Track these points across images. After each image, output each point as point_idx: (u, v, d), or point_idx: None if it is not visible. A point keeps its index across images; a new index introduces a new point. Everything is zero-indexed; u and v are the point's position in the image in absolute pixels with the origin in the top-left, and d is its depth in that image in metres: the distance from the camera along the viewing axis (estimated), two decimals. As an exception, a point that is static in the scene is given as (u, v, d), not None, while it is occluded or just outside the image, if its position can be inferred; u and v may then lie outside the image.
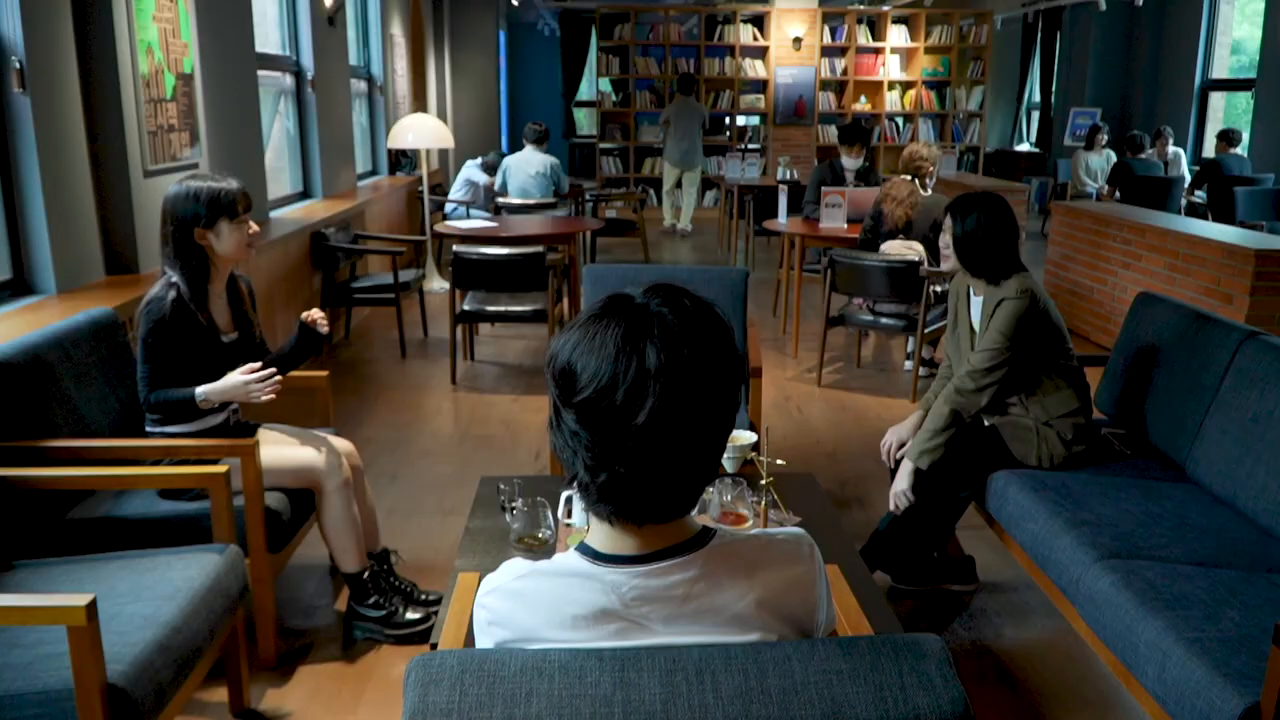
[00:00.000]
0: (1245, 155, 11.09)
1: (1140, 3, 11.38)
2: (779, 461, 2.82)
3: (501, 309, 5.85)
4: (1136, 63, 13.97)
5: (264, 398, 2.83)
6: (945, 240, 3.30)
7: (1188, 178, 10.58)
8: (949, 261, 3.30)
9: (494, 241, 6.27)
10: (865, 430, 5.10)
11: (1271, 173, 10.28)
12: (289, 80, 6.98)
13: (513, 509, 2.58)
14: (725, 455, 2.96)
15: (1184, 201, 9.79)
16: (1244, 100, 12.02)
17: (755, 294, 8.36)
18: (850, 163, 7.04)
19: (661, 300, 1.19)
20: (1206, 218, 9.05)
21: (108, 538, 2.73)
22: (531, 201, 7.98)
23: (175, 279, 2.87)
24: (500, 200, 7.97)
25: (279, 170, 6.99)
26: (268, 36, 6.72)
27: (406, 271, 6.83)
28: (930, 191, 5.76)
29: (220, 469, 2.61)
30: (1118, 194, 9.78)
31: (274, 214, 6.38)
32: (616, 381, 1.12)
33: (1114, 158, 10.61)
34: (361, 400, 5.54)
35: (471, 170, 9.07)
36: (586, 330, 1.17)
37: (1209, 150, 11.05)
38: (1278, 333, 5.25)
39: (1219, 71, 12.73)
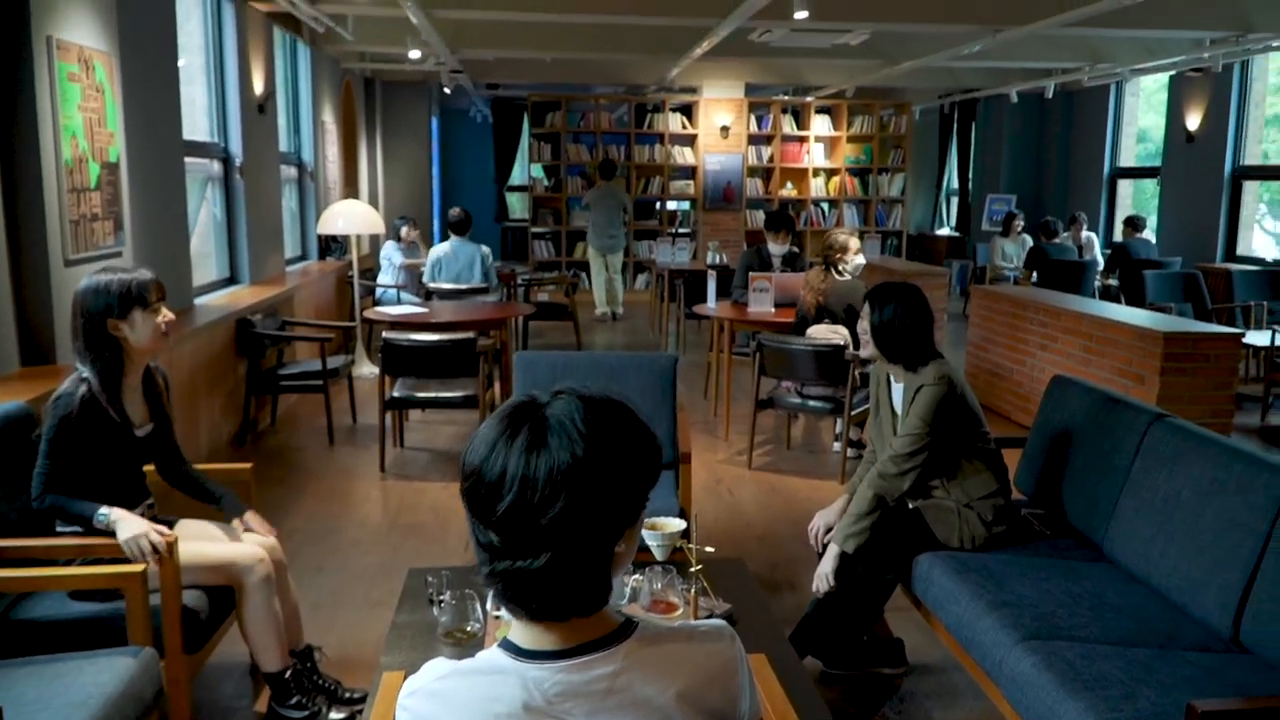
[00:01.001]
0: (1153, 239, 11.59)
1: (1050, 95, 11.93)
2: (708, 548, 2.83)
3: (432, 395, 5.81)
4: (1048, 151, 14.59)
5: (150, 561, 2.67)
6: (864, 327, 3.39)
7: (1101, 262, 11.00)
8: (868, 349, 3.39)
9: (424, 327, 6.26)
10: (795, 513, 5.13)
11: (1179, 256, 10.75)
12: (217, 167, 6.97)
13: (440, 601, 2.54)
14: (654, 543, 2.96)
15: (1098, 285, 10.16)
16: (1151, 186, 12.60)
17: (687, 377, 8.44)
18: (777, 248, 7.20)
19: (570, 401, 1.22)
20: (1119, 300, 9.40)
21: (15, 642, 2.62)
22: (463, 286, 7.99)
23: (86, 374, 2.82)
24: (431, 285, 7.97)
25: (205, 256, 6.93)
26: (196, 123, 6.72)
27: (335, 358, 6.78)
28: (847, 277, 5.91)
29: (136, 568, 2.54)
30: (1035, 277, 10.11)
31: (199, 301, 6.31)
32: (528, 481, 1.15)
33: (1030, 242, 11.00)
34: (287, 490, 5.44)
35: (389, 250, 9.07)
36: (498, 431, 1.20)
37: (1119, 235, 11.52)
38: (1188, 412, 5.46)
39: (1126, 160, 13.35)
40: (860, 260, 6.01)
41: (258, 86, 7.38)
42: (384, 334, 5.70)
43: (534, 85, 14.16)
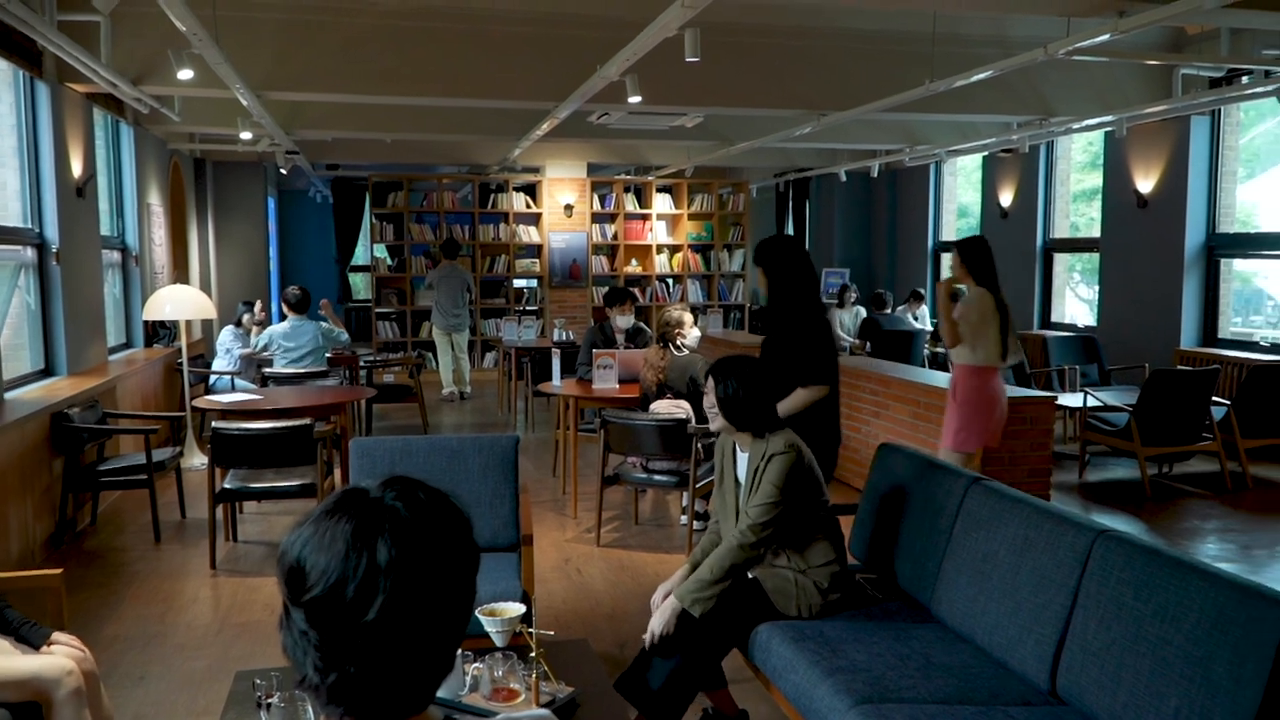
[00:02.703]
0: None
1: (875, 174, 12.60)
2: (548, 632, 2.80)
3: (266, 485, 5.59)
4: (877, 226, 15.35)
5: None
6: (710, 402, 3.47)
7: (930, 331, 11.58)
8: (717, 421, 3.47)
9: (258, 414, 6.05)
10: (644, 588, 5.12)
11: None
12: (30, 253, 6.62)
13: (269, 705, 2.42)
14: (494, 629, 2.91)
15: (926, 353, 10.67)
16: (969, 259, 13.35)
17: (536, 455, 8.40)
18: (623, 320, 7.30)
19: (396, 494, 1.19)
20: (948, 369, 9.86)
21: None
22: (301, 370, 7.78)
23: None
24: (267, 371, 7.73)
25: (17, 348, 6.53)
26: (8, 208, 6.38)
27: (162, 450, 6.46)
28: (685, 352, 6.06)
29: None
30: (868, 347, 10.55)
31: (10, 395, 5.92)
32: (346, 578, 1.12)
33: (864, 313, 11.48)
34: (107, 594, 5.10)
35: (227, 338, 8.78)
36: (317, 526, 1.16)
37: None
38: (1010, 473, 5.76)
39: (948, 234, 14.16)
40: (696, 334, 6.16)
41: (76, 169, 7.08)
42: (213, 423, 5.47)
43: (375, 165, 14.08)
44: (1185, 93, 8.20)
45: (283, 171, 13.04)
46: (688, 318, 6.09)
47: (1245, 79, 7.82)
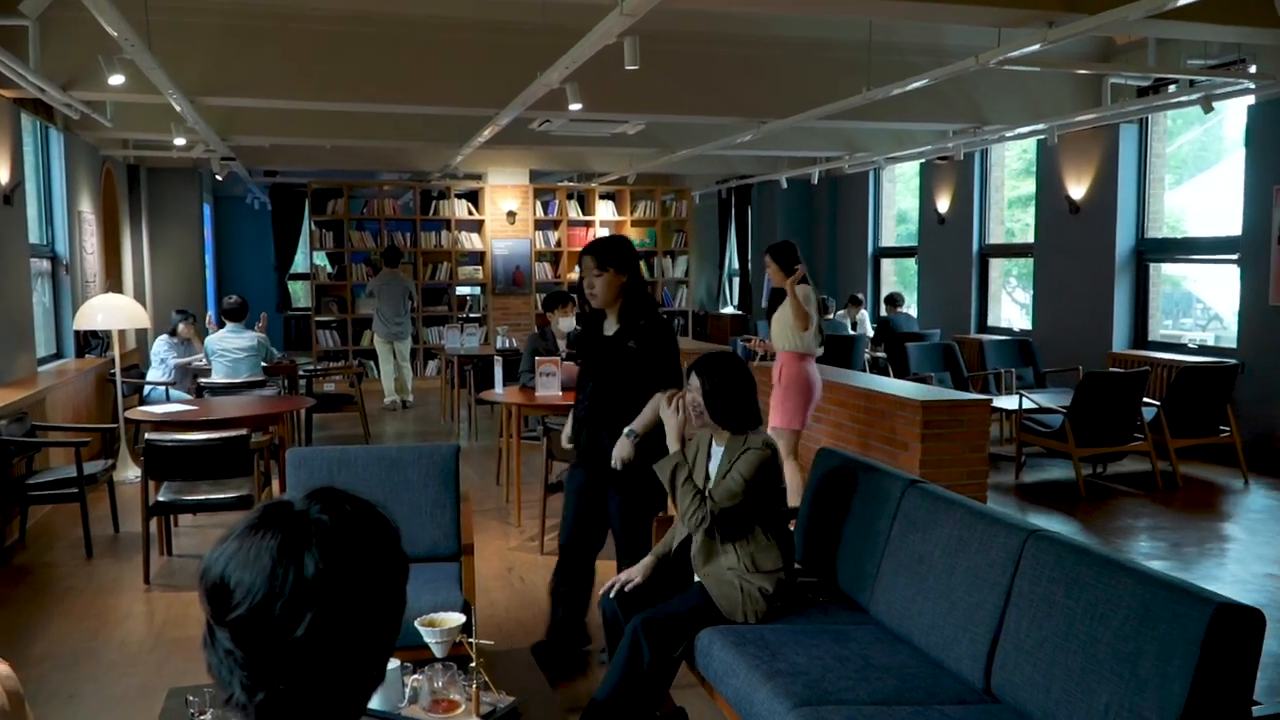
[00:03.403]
0: (914, 314, 12.47)
1: (816, 181, 12.73)
2: (488, 642, 2.78)
3: (201, 498, 5.49)
4: (818, 233, 15.51)
5: None
6: (694, 398, 3.49)
7: (870, 335, 11.73)
8: (701, 417, 3.49)
9: (194, 425, 5.93)
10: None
11: (937, 329, 11.59)
12: (-45, 262, 6.44)
13: (200, 722, 2.39)
14: (433, 640, 2.89)
15: (867, 357, 10.79)
16: (911, 264, 13.59)
17: (479, 463, 8.35)
18: (564, 324, 7.29)
19: (322, 506, 1.18)
20: (887, 372, 10.01)
21: None
22: (238, 380, 7.65)
23: None
24: (203, 381, 7.59)
25: (-59, 359, 6.35)
26: (-70, 216, 6.21)
27: (94, 462, 6.32)
28: None
29: None
30: (811, 351, 10.63)
31: (-67, 407, 5.75)
32: (273, 595, 1.10)
33: (806, 318, 11.57)
34: (35, 611, 4.97)
35: (161, 348, 8.61)
36: (241, 542, 1.14)
37: (884, 311, 12.31)
38: (947, 475, 5.84)
39: (888, 240, 14.35)
40: None
41: (3, 176, 6.91)
42: (147, 435, 5.36)
43: (314, 172, 13.91)
44: (1114, 101, 8.41)
45: (219, 178, 12.84)
46: None
47: (1172, 88, 8.05)
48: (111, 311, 7.61)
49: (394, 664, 2.68)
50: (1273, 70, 7.27)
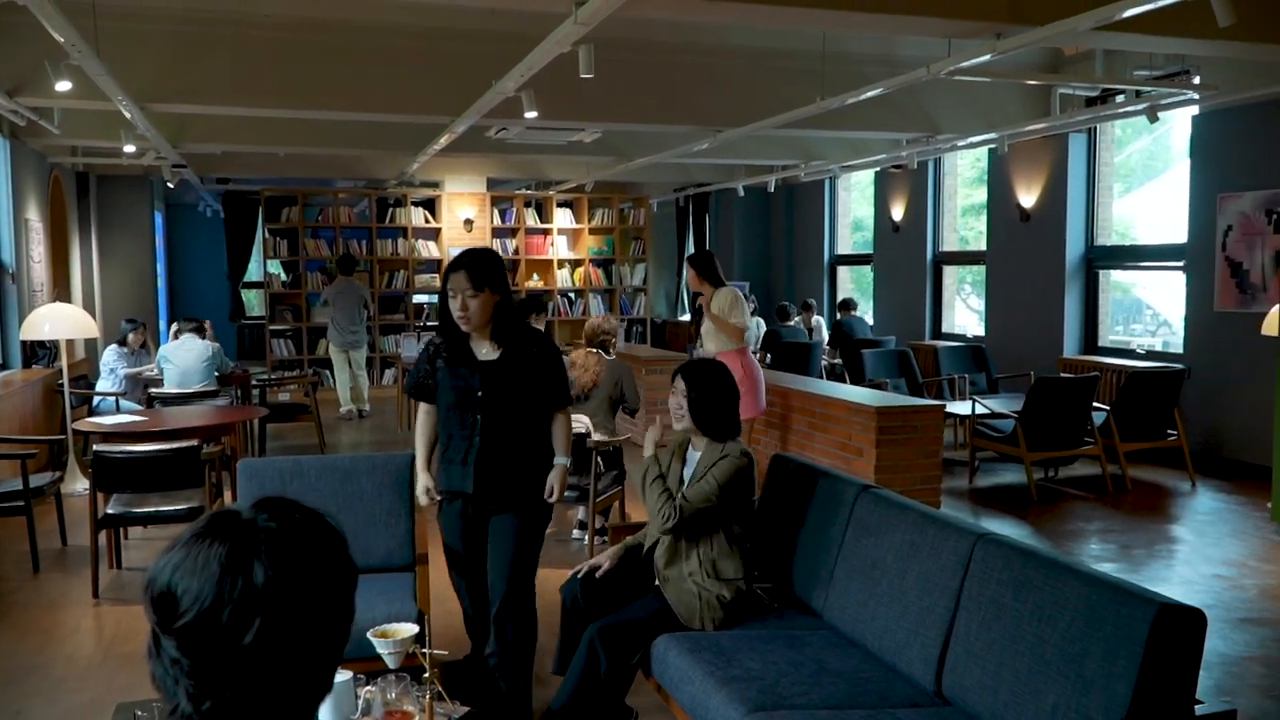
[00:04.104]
0: (870, 321, 12.59)
1: (772, 189, 12.81)
2: (442, 652, 2.76)
3: (151, 510, 5.40)
4: (775, 240, 15.62)
5: None
6: (678, 402, 3.51)
7: (826, 340, 11.82)
8: (683, 422, 3.52)
9: (144, 437, 5.84)
10: (542, 603, 5.05)
11: (893, 335, 11.71)
12: (-104, 271, 6.30)
13: (148, 738, 2.35)
14: (386, 650, 2.87)
15: (824, 364, 10.88)
16: (867, 271, 13.72)
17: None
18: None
19: (270, 515, 1.17)
20: (844, 379, 10.09)
21: None
22: (190, 390, 7.54)
23: None
24: (154, 391, 7.47)
25: (-119, 370, 6.20)
26: None
27: (41, 475, 6.20)
28: (613, 355, 6.25)
29: None
30: (769, 359, 10.70)
31: (-128, 420, 5.62)
32: (221, 602, 1.09)
33: (764, 326, 11.66)
34: (-20, 626, 4.87)
35: (110, 357, 8.47)
36: (188, 551, 1.14)
37: (838, 316, 12.42)
38: (902, 480, 5.90)
39: (844, 247, 14.48)
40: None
41: (-54, 183, 6.78)
42: (95, 446, 5.27)
43: (267, 179, 13.77)
44: (1063, 112, 8.56)
45: (170, 185, 12.65)
46: (618, 325, 6.29)
47: (1119, 98, 8.19)
48: (59, 321, 7.48)
49: (346, 675, 2.66)
50: (1216, 81, 7.44)
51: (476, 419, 3.56)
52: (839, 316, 11.81)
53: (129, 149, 8.82)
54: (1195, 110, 8.34)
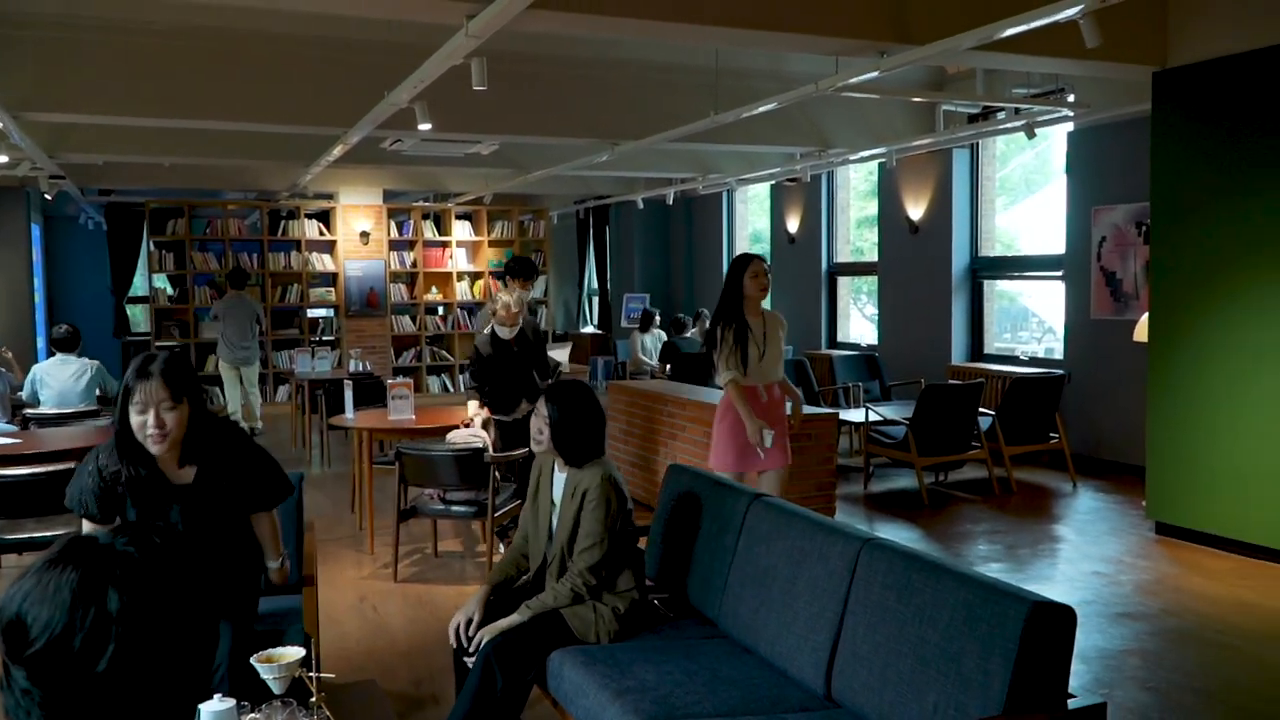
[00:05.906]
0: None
1: (671, 201, 12.93)
2: (329, 675, 2.71)
3: (26, 536, 5.16)
4: (675, 252, 15.75)
5: None
6: (540, 425, 3.46)
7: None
8: (541, 445, 3.47)
9: (16, 460, 5.59)
10: (442, 622, 5.00)
11: (790, 345, 11.88)
12: None
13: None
14: (270, 676, 2.79)
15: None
16: (763, 283, 13.90)
17: (333, 490, 8.14)
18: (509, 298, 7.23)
19: (129, 539, 1.15)
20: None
21: None
22: (69, 411, 7.24)
23: None
24: (29, 412, 7.16)
25: None
26: None
27: (-95, 502, 5.86)
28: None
29: None
30: (669, 369, 10.78)
31: None
32: (73, 629, 1.07)
33: (664, 337, 11.73)
34: None
35: None
36: (40, 578, 1.11)
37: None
38: (797, 487, 5.99)
39: (741, 259, 14.64)
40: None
41: None
42: (-37, 471, 5.02)
43: (153, 191, 13.33)
44: (946, 128, 8.84)
45: (47, 197, 12.14)
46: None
47: (1000, 115, 8.50)
48: (-75, 340, 7.11)
49: (230, 703, 2.58)
50: (1088, 99, 7.78)
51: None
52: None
53: (1, 160, 8.45)
54: (1071, 127, 8.71)
